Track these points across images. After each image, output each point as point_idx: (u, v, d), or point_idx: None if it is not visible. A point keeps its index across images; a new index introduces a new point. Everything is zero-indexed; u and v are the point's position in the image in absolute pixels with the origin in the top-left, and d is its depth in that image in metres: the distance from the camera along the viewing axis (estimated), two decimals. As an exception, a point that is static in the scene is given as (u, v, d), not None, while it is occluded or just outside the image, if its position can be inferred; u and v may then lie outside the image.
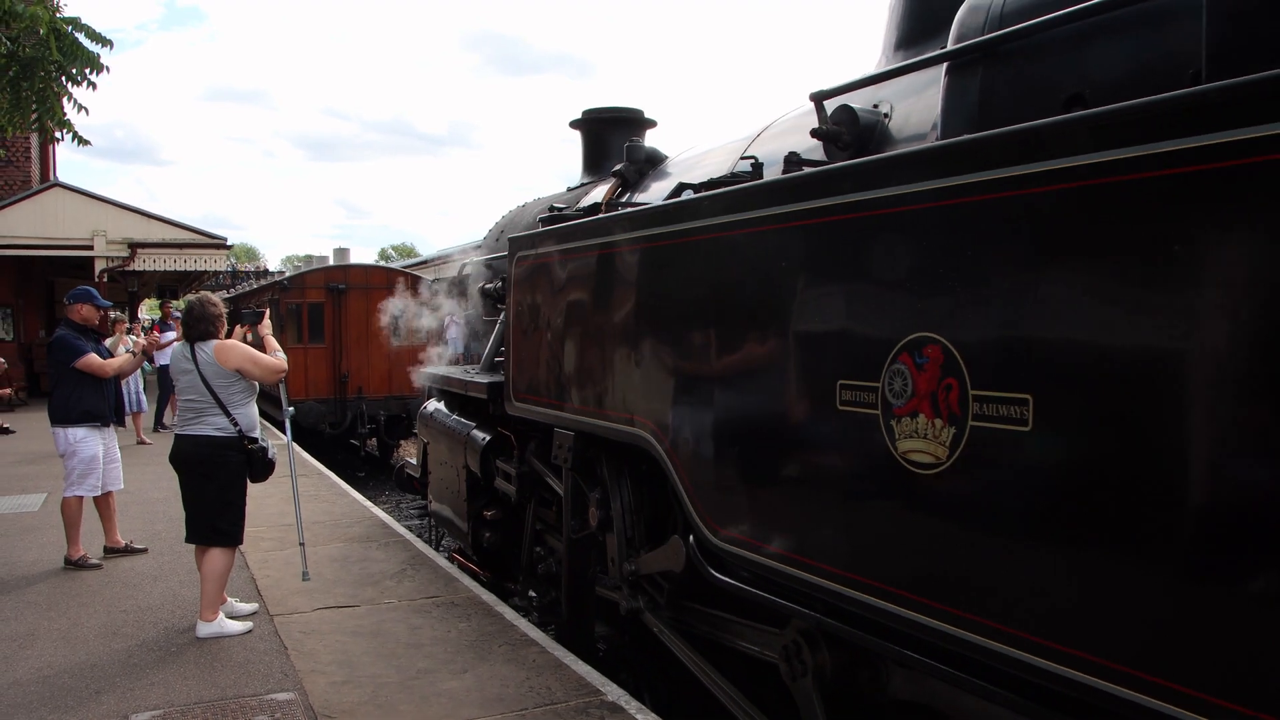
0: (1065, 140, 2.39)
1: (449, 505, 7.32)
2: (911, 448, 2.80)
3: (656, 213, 4.20)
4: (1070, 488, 2.36)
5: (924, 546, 2.81)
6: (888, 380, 2.89)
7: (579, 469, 4.99)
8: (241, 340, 5.79)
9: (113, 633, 5.58)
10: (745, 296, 3.54)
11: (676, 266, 4.01)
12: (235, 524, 5.50)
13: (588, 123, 7.10)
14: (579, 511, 5.12)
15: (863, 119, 3.69)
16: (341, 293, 19.15)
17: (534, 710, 4.43)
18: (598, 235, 4.65)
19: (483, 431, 6.49)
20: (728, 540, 3.66)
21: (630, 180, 5.84)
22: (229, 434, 5.42)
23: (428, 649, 5.24)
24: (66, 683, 4.82)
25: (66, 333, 7.03)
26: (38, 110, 8.68)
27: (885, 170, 2.98)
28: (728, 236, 3.63)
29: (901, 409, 2.84)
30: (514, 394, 5.57)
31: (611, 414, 4.45)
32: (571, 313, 4.93)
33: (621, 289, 4.43)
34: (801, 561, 3.27)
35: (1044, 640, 2.41)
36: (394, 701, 4.55)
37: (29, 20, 7.90)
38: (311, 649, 5.26)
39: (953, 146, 2.78)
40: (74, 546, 7.04)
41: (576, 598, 5.55)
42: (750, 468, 3.58)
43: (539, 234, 5.31)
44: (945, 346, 2.70)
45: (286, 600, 6.16)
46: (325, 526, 8.45)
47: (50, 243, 20.46)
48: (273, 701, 4.54)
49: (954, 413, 2.66)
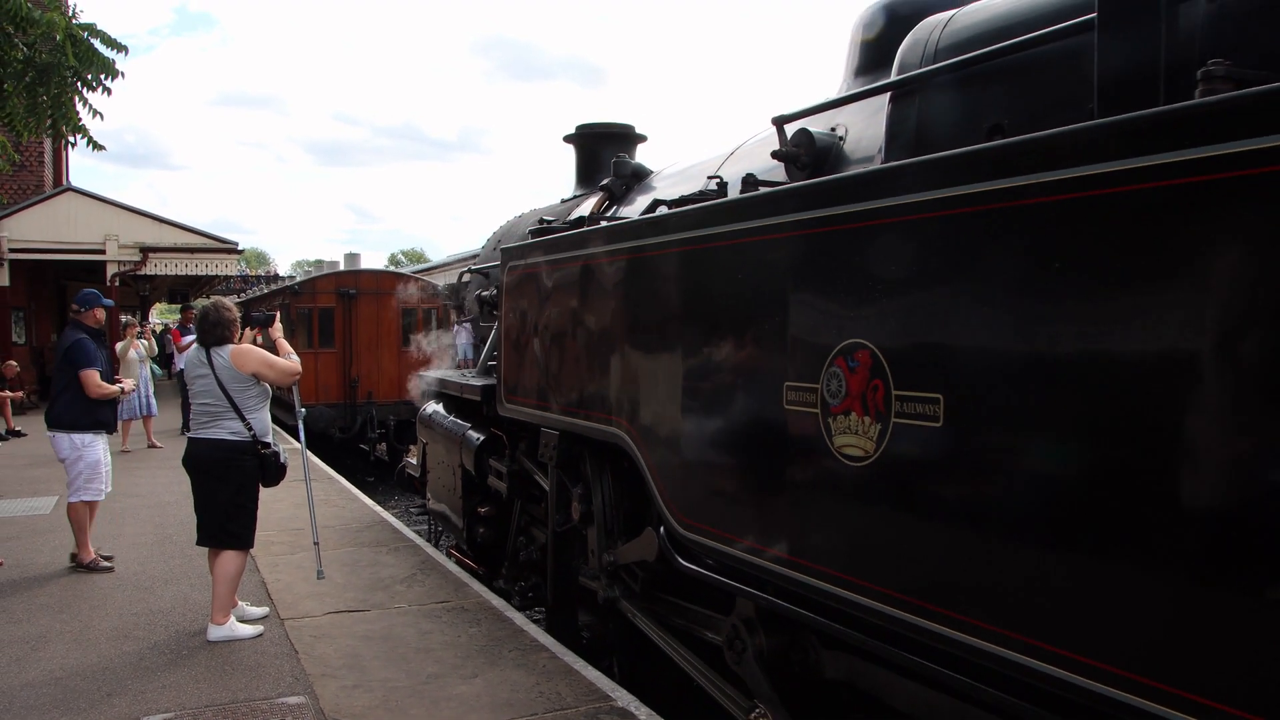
0: (967, 169, 2.76)
1: (446, 503, 7.75)
2: (845, 442, 3.17)
3: (627, 228, 4.60)
4: (973, 476, 2.73)
5: (856, 532, 3.18)
6: (826, 382, 3.26)
7: (563, 466, 5.40)
8: (252, 343, 5.92)
9: (124, 635, 5.68)
10: (704, 307, 3.94)
11: (645, 278, 4.41)
12: (247, 527, 5.62)
13: (581, 137, 7.51)
14: (563, 506, 5.53)
15: (819, 141, 4.08)
16: (352, 298, 19.57)
17: (544, 715, 4.51)
18: (578, 248, 5.06)
19: (477, 432, 6.93)
20: (692, 530, 4.04)
21: (617, 194, 6.23)
22: (243, 438, 5.54)
23: (438, 653, 5.34)
24: (78, 685, 4.92)
25: (85, 338, 7.08)
26: (53, 115, 8.90)
27: (819, 193, 3.37)
28: (689, 251, 4.02)
29: (837, 408, 3.21)
30: (505, 396, 5.99)
31: (592, 415, 4.84)
32: (556, 320, 5.33)
33: (599, 298, 4.83)
34: (754, 548, 3.64)
35: (954, 614, 2.77)
36: (404, 706, 4.63)
37: (45, 26, 8.11)
38: (322, 653, 5.35)
39: (871, 174, 3.18)
40: (85, 550, 7.15)
41: (561, 587, 5.94)
42: (710, 463, 3.97)
43: (528, 245, 5.74)
44: (873, 352, 3.07)
45: (297, 604, 6.27)
46: (335, 531, 8.59)
47: (63, 247, 20.91)
48: (284, 705, 4.62)
49: (880, 410, 3.03)
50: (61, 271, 23.91)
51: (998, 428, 2.64)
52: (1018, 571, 2.56)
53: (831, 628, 3.37)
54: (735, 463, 3.82)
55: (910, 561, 2.93)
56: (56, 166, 24.67)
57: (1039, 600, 2.49)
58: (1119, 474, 2.31)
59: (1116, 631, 2.30)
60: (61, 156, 24.95)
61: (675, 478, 4.18)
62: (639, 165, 6.42)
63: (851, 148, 4.10)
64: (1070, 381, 2.44)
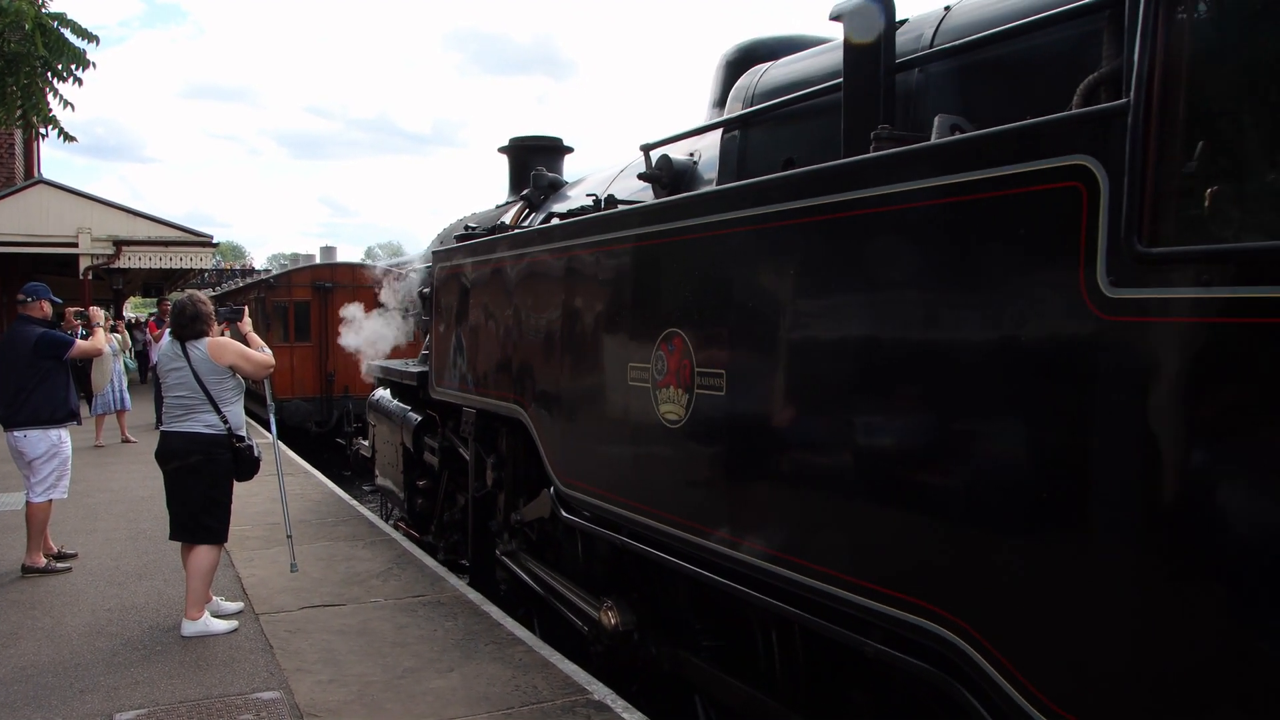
0: (729, 200, 3.90)
1: (391, 478, 9.03)
2: (666, 409, 4.30)
3: (518, 237, 5.82)
4: (745, 433, 3.85)
5: (675, 479, 4.30)
6: (654, 362, 4.39)
7: (480, 439, 6.57)
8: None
9: (97, 631, 5.80)
10: (572, 304, 5.10)
11: (533, 280, 5.58)
12: (221, 521, 5.78)
13: (514, 150, 8.68)
14: (480, 474, 6.70)
15: (677, 165, 5.19)
16: (328, 291, 20.05)
17: (520, 709, 4.70)
18: (489, 252, 6.23)
19: (416, 414, 8.17)
20: (571, 487, 5.18)
21: (535, 203, 7.36)
22: (219, 431, 5.70)
23: (414, 648, 5.53)
24: (50, 681, 5.02)
25: (43, 329, 7.18)
26: (23, 106, 9.03)
27: (640, 215, 4.54)
28: (560, 259, 5.20)
29: (661, 382, 4.33)
30: (435, 381, 7.20)
31: (498, 395, 6.02)
32: (472, 314, 6.50)
33: (502, 296, 6.00)
34: (611, 498, 4.77)
35: (728, 535, 3.90)
36: (380, 700, 4.80)
37: (14, 15, 8.15)
38: (297, 648, 5.51)
39: (676, 201, 4.38)
40: (36, 554, 7.09)
41: (479, 545, 7.14)
42: (579, 431, 5.12)
43: (452, 249, 6.94)
44: (684, 338, 4.20)
45: (272, 599, 6.45)
46: (311, 525, 8.78)
47: (35, 240, 21.20)
48: (258, 700, 4.77)
49: (688, 384, 4.15)
50: (33, 265, 24.39)
51: (756, 396, 3.77)
52: (772, 502, 3.70)
53: (664, 559, 4.51)
54: (597, 430, 4.95)
55: (706, 499, 4.07)
56: (28, 158, 24.86)
57: (782, 523, 3.63)
58: (839, 429, 3.45)
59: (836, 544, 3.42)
60: (33, 148, 24.95)
61: (557, 445, 5.32)
62: (555, 178, 7.54)
63: (704, 170, 5.21)
64: (800, 360, 3.57)
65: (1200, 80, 2.43)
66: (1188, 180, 2.42)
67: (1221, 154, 2.45)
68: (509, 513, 6.22)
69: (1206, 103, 2.43)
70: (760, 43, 5.36)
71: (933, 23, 3.83)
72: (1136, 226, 2.42)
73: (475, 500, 6.91)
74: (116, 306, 26.39)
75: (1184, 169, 2.42)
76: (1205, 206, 2.41)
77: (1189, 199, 2.42)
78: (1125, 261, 2.43)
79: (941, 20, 3.80)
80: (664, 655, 4.92)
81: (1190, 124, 2.41)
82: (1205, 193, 2.40)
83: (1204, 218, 2.41)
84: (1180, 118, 2.42)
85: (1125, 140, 2.45)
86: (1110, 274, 2.47)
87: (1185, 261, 2.33)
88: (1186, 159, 2.41)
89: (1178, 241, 2.39)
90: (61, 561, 7.32)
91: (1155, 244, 2.40)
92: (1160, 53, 2.44)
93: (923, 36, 3.81)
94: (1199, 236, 2.38)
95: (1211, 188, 2.40)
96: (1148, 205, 2.42)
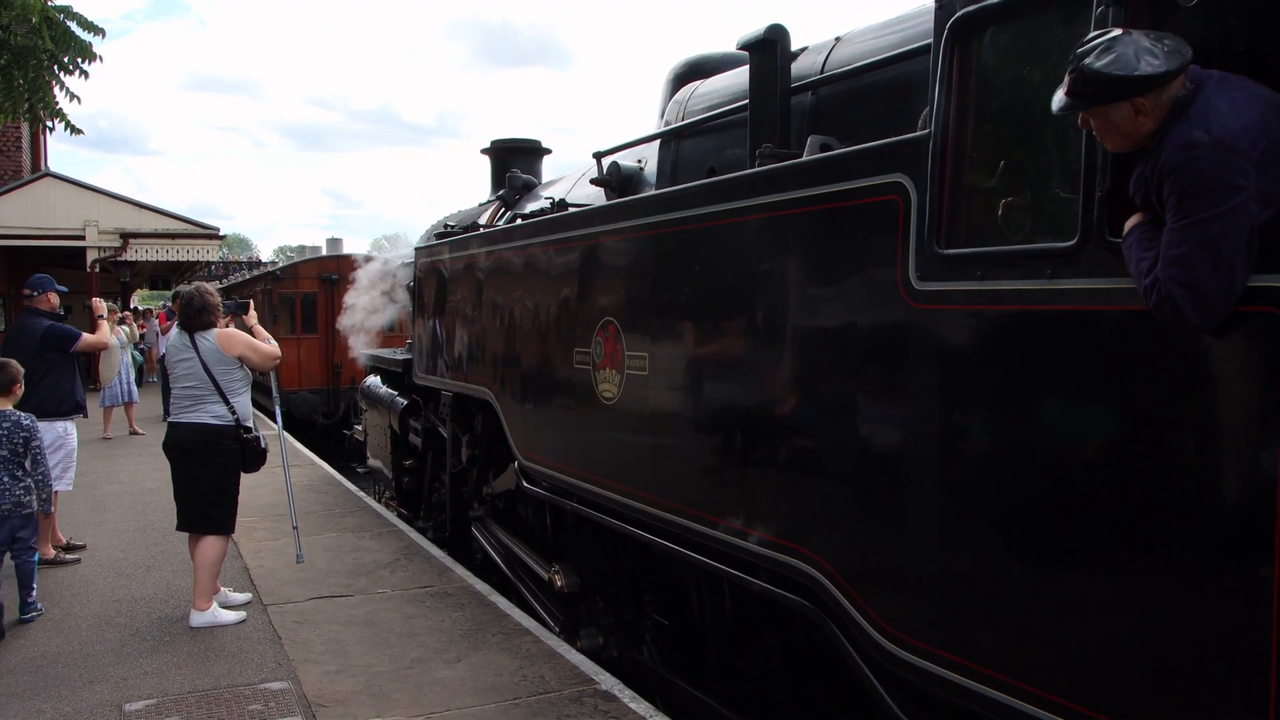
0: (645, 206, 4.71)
1: (380, 459, 10.08)
2: (604, 389, 5.11)
3: (486, 236, 6.71)
4: (664, 407, 4.65)
5: (612, 450, 5.11)
6: (594, 347, 5.19)
7: (457, 420, 7.48)
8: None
9: (106, 622, 5.94)
10: (528, 296, 5.95)
11: (498, 274, 6.45)
12: (228, 512, 5.94)
13: (495, 151, 9.53)
14: (457, 452, 7.61)
15: (625, 170, 5.99)
16: (335, 283, 20.38)
17: (528, 699, 4.81)
18: (463, 248, 7.11)
19: (402, 398, 9.17)
20: (530, 460, 6.02)
21: (510, 203, 8.19)
22: (227, 422, 5.88)
23: (421, 638, 5.66)
24: (59, 672, 5.15)
25: (50, 321, 7.36)
26: (30, 99, 9.13)
27: (579, 218, 5.37)
28: (520, 255, 6.05)
29: (599, 364, 5.14)
30: (419, 367, 8.11)
31: (471, 379, 6.88)
32: (449, 305, 7.40)
33: (473, 288, 6.88)
34: (562, 468, 5.60)
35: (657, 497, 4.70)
36: (388, 690, 4.93)
37: (20, 9, 8.26)
38: (305, 638, 5.65)
39: (602, 208, 5.24)
40: (45, 546, 7.12)
41: (457, 517, 8.06)
42: (536, 410, 5.96)
43: (432, 245, 7.86)
44: (617, 326, 5.00)
45: (280, 590, 6.59)
46: (318, 516, 8.96)
47: (42, 233, 21.71)
48: (266, 690, 4.89)
49: (619, 365, 4.96)
50: (41, 258, 24.77)
51: (671, 376, 4.58)
52: (685, 467, 4.51)
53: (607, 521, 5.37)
54: (550, 409, 5.79)
55: (636, 466, 4.88)
56: (35, 152, 25.57)
57: (694, 485, 4.44)
58: (728, 403, 4.25)
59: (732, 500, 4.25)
60: (40, 141, 25.58)
61: (519, 423, 6.17)
62: (529, 179, 8.41)
63: (649, 175, 6.01)
64: (697, 344, 4.38)
65: (981, 116, 3.20)
66: (970, 196, 3.19)
67: (996, 176, 3.21)
68: (480, 485, 7.11)
69: (985, 136, 3.20)
70: (706, 59, 6.14)
71: (824, 51, 4.61)
72: (936, 232, 3.20)
73: (453, 475, 7.84)
74: (123, 300, 27.05)
75: (968, 186, 3.19)
76: (981, 217, 3.18)
77: (971, 211, 3.20)
78: (929, 260, 3.20)
79: (831, 49, 4.58)
80: (625, 659, 5.66)
81: (974, 151, 3.18)
82: (982, 206, 3.18)
83: (981, 225, 3.18)
84: (967, 146, 3.19)
85: (928, 163, 3.22)
86: (918, 270, 3.25)
87: (968, 260, 3.10)
88: (972, 179, 3.18)
89: (964, 244, 3.16)
90: (70, 553, 7.55)
91: (949, 246, 3.17)
92: (953, 94, 3.21)
93: (815, 63, 4.59)
94: (975, 240, 3.15)
95: (987, 203, 3.17)
96: (944, 216, 3.20)
